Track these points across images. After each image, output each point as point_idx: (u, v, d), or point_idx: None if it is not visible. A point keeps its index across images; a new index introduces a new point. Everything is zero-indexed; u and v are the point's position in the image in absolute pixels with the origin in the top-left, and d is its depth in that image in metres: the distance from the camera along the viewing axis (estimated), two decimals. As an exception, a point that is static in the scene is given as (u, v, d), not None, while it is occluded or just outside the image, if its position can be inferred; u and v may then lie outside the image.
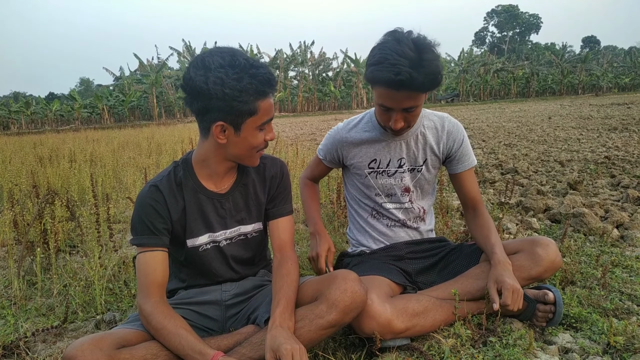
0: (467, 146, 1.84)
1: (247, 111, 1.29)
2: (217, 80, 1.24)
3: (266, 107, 1.32)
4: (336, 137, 1.87)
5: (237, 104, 1.26)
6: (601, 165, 5.11)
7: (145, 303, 1.31)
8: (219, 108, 1.27)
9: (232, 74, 1.24)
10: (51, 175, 5.06)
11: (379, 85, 1.51)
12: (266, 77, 1.29)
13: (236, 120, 1.30)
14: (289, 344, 1.17)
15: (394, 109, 1.55)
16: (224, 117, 1.29)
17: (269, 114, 1.35)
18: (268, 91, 1.31)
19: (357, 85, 49.14)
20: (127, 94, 45.61)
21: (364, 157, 1.80)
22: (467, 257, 1.77)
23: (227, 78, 1.24)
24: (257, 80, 1.27)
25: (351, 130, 1.83)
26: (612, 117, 12.53)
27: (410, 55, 1.43)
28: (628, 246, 2.51)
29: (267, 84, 1.30)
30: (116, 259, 2.49)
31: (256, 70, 1.28)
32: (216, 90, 1.24)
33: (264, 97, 1.31)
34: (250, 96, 1.27)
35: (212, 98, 1.25)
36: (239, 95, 1.25)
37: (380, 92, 1.54)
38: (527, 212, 3.32)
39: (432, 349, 1.48)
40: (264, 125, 1.36)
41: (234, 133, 1.33)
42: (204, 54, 1.29)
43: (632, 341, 1.47)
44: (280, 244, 1.52)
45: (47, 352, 1.68)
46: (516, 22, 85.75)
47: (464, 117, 17.43)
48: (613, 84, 55.54)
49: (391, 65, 1.43)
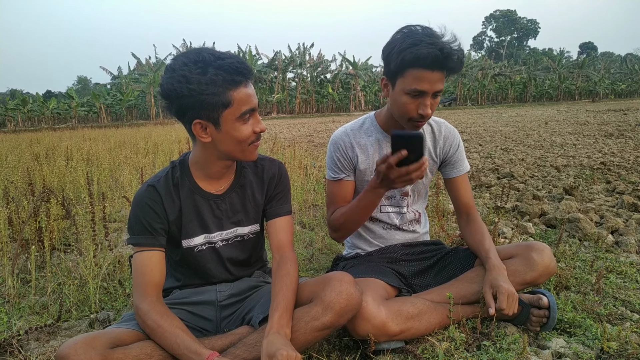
0: (463, 151, 1.86)
1: (220, 103, 1.26)
2: (181, 78, 1.23)
3: (241, 96, 1.28)
4: (344, 144, 1.77)
5: (207, 97, 1.24)
6: (597, 171, 5.13)
7: (141, 302, 1.31)
8: (191, 106, 1.26)
9: (195, 69, 1.23)
10: (47, 174, 5.04)
11: (417, 66, 1.46)
12: (233, 65, 1.26)
13: (211, 115, 1.27)
14: (285, 351, 1.16)
15: (427, 93, 1.50)
16: (198, 114, 1.28)
17: (247, 103, 1.29)
18: (239, 79, 1.27)
19: (355, 87, 49.19)
20: (124, 93, 45.49)
21: (371, 161, 1.77)
22: (462, 261, 1.77)
23: (190, 74, 1.23)
24: (223, 70, 1.24)
25: (356, 134, 1.78)
26: (609, 123, 12.59)
27: (440, 36, 1.49)
28: (622, 252, 2.52)
29: (235, 72, 1.26)
30: (111, 258, 2.48)
31: (222, 61, 1.25)
32: (181, 88, 1.23)
33: (236, 86, 1.27)
34: (219, 87, 1.24)
35: (181, 97, 1.25)
36: (205, 89, 1.23)
37: (415, 75, 1.48)
38: (523, 217, 3.33)
39: (426, 352, 1.49)
40: (244, 116, 1.30)
41: (215, 129, 1.31)
42: (171, 60, 1.30)
43: (625, 347, 1.48)
44: (278, 244, 1.51)
45: (40, 350, 1.67)
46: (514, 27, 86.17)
47: (461, 121, 17.47)
48: (610, 90, 55.84)
49: (430, 44, 1.44)
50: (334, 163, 1.78)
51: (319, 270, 2.42)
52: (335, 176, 1.78)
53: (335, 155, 1.78)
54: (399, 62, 1.49)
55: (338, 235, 1.77)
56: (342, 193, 1.77)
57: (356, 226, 1.72)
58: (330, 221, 1.75)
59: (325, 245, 2.77)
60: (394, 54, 1.50)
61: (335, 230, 1.75)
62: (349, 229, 1.73)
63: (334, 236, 1.79)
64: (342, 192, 1.78)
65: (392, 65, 1.52)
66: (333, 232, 1.77)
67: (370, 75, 50.07)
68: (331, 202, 1.79)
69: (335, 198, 1.77)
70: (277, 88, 48.28)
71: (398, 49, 1.49)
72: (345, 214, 1.67)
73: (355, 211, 1.63)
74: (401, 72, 1.51)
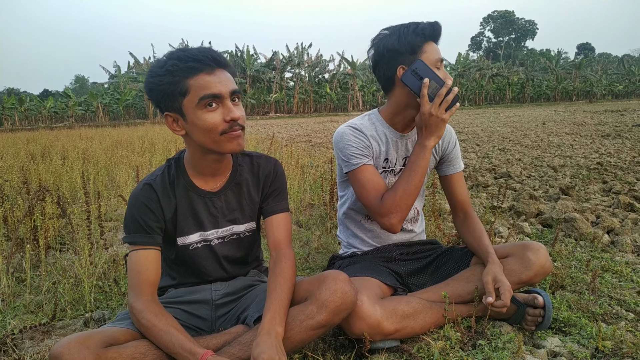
0: (459, 149, 1.88)
1: (178, 92, 1.26)
2: (148, 74, 1.30)
3: (200, 83, 1.25)
4: (358, 130, 1.71)
5: (165, 87, 1.27)
6: (593, 171, 5.14)
7: (136, 301, 1.30)
8: (156, 99, 1.31)
9: (158, 64, 1.28)
10: (43, 172, 5.02)
11: (433, 38, 1.61)
12: (193, 54, 1.26)
13: (174, 105, 1.29)
14: (267, 354, 1.15)
15: (440, 60, 1.62)
16: (166, 106, 1.31)
17: (206, 88, 1.25)
18: (196, 66, 1.25)
19: (353, 87, 49.19)
20: (122, 92, 45.38)
21: (380, 156, 1.76)
22: (458, 260, 1.78)
23: (154, 69, 1.29)
24: (180, 60, 1.26)
25: (364, 125, 1.74)
26: (605, 123, 12.63)
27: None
28: (618, 252, 2.53)
29: (191, 59, 1.25)
30: (106, 256, 2.47)
31: (184, 52, 1.27)
32: (148, 83, 1.30)
33: (193, 73, 1.25)
34: (176, 76, 1.25)
35: (149, 92, 1.31)
36: (162, 80, 1.26)
37: (434, 48, 1.61)
38: (519, 217, 3.33)
39: (421, 351, 1.48)
40: (204, 103, 1.26)
41: (184, 121, 1.32)
42: None
43: (620, 346, 1.48)
44: (275, 241, 1.50)
45: (35, 349, 1.66)
46: (512, 27, 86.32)
47: (458, 122, 17.49)
48: (607, 91, 55.97)
49: (418, 23, 1.61)
50: (352, 152, 1.67)
51: (315, 270, 2.41)
52: (358, 162, 1.66)
53: (351, 143, 1.68)
54: (418, 35, 1.59)
55: (397, 219, 1.60)
56: (375, 178, 1.66)
57: (412, 200, 1.60)
58: (382, 207, 1.59)
59: (321, 245, 2.77)
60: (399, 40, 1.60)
61: (391, 213, 1.59)
62: (406, 204, 1.59)
63: (392, 222, 1.60)
64: (374, 176, 1.66)
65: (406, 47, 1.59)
66: (390, 217, 1.59)
67: (368, 76, 50.03)
68: (367, 190, 1.64)
69: (368, 184, 1.64)
70: (275, 88, 48.24)
71: (400, 39, 1.60)
72: (398, 188, 1.59)
73: (410, 179, 1.58)
74: (419, 46, 1.59)
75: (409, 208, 1.62)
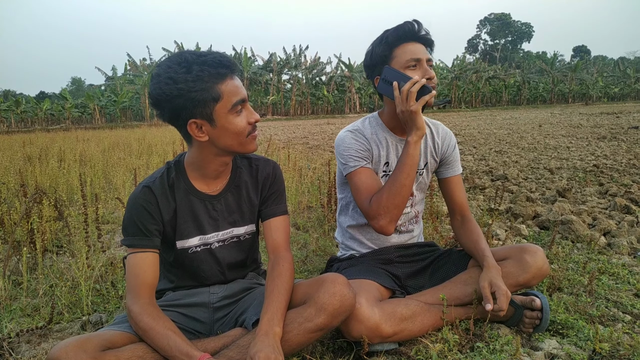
0: (457, 152, 1.89)
1: (210, 98, 1.27)
2: (168, 80, 1.24)
3: (230, 89, 1.29)
4: (358, 134, 1.74)
5: (196, 94, 1.25)
6: (590, 174, 5.17)
7: (134, 304, 1.30)
8: (182, 106, 1.27)
9: (180, 70, 1.25)
10: (40, 175, 5.01)
11: (404, 40, 1.63)
12: (217, 59, 1.27)
13: (204, 111, 1.28)
14: (263, 353, 1.16)
15: (421, 59, 1.62)
16: (192, 113, 1.28)
17: (236, 94, 1.30)
18: (224, 72, 1.28)
19: (350, 90, 49.26)
20: (119, 94, 45.29)
21: (380, 160, 1.77)
22: (455, 263, 1.78)
23: (176, 75, 1.24)
24: (207, 65, 1.26)
25: (365, 129, 1.77)
26: (602, 126, 12.68)
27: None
28: (615, 254, 2.54)
29: (219, 65, 1.27)
30: (104, 259, 2.46)
31: (204, 57, 1.27)
32: (170, 90, 1.24)
33: (222, 79, 1.28)
34: (206, 82, 1.26)
35: (171, 99, 1.26)
36: (193, 86, 1.24)
37: (405, 49, 1.63)
38: (516, 219, 3.34)
39: (419, 353, 1.49)
40: (236, 107, 1.31)
41: (210, 126, 1.31)
42: (156, 67, 1.31)
43: (617, 348, 1.49)
44: (273, 244, 1.50)
45: (32, 353, 1.65)
46: (508, 30, 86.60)
47: (455, 124, 17.53)
48: (603, 93, 56.24)
49: (385, 33, 1.65)
50: (350, 154, 1.70)
51: (313, 272, 2.41)
52: (356, 164, 1.69)
53: (351, 147, 1.71)
54: (390, 37, 1.64)
55: (386, 220, 1.59)
56: (369, 180, 1.67)
57: (400, 199, 1.58)
58: (370, 210, 1.60)
59: (319, 247, 2.77)
60: (381, 43, 1.66)
61: (380, 215, 1.59)
62: (395, 205, 1.58)
63: (381, 223, 1.60)
64: (369, 179, 1.67)
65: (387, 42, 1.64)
66: (379, 219, 1.59)
67: (365, 78, 50.00)
68: (360, 192, 1.65)
69: (362, 186, 1.66)
70: (272, 90, 48.24)
71: (384, 40, 1.65)
72: (384, 188, 1.59)
73: (395, 177, 1.58)
74: (396, 46, 1.64)
75: (399, 208, 1.60)
